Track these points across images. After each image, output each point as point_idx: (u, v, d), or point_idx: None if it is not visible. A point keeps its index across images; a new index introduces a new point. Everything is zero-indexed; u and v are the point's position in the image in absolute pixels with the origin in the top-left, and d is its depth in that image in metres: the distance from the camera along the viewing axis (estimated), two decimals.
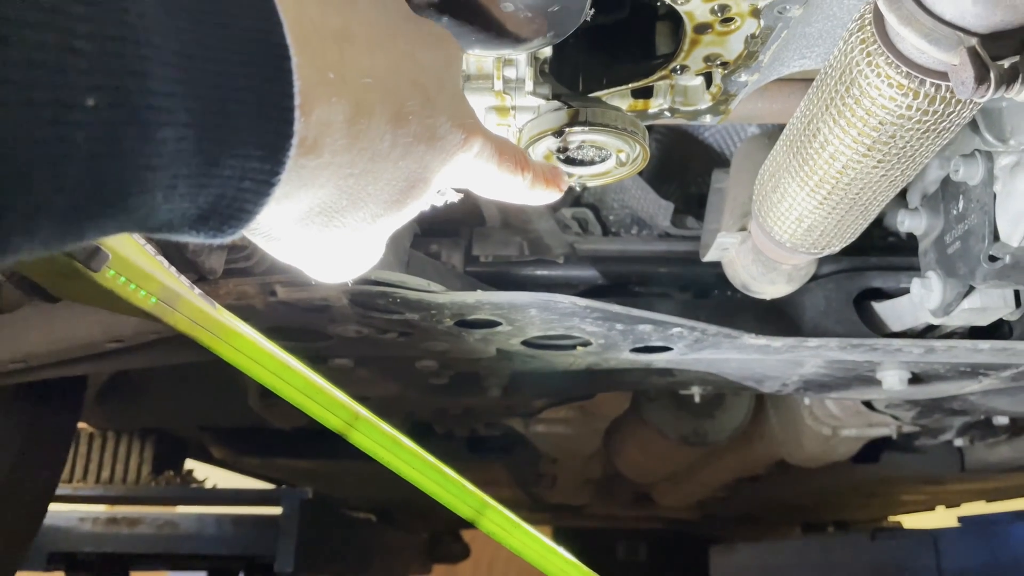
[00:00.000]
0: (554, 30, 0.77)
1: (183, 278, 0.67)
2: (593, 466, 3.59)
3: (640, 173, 1.79)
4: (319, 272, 0.62)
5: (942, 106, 0.83)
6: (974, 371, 1.50)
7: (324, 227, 0.56)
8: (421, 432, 2.64)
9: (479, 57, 0.89)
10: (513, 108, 0.91)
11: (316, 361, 1.47)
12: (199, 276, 1.05)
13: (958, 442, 2.50)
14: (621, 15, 0.99)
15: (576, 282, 1.60)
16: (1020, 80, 0.73)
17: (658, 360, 1.47)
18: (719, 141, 1.85)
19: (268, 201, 0.46)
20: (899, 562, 3.20)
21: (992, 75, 0.72)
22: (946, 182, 1.25)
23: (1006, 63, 0.73)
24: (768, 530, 5.72)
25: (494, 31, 0.75)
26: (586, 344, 1.37)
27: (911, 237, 1.37)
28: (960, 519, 2.81)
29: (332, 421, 0.71)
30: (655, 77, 1.02)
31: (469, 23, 0.75)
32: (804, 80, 1.31)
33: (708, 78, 1.06)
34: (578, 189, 0.93)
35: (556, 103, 0.89)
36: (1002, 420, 2.22)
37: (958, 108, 0.83)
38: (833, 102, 0.91)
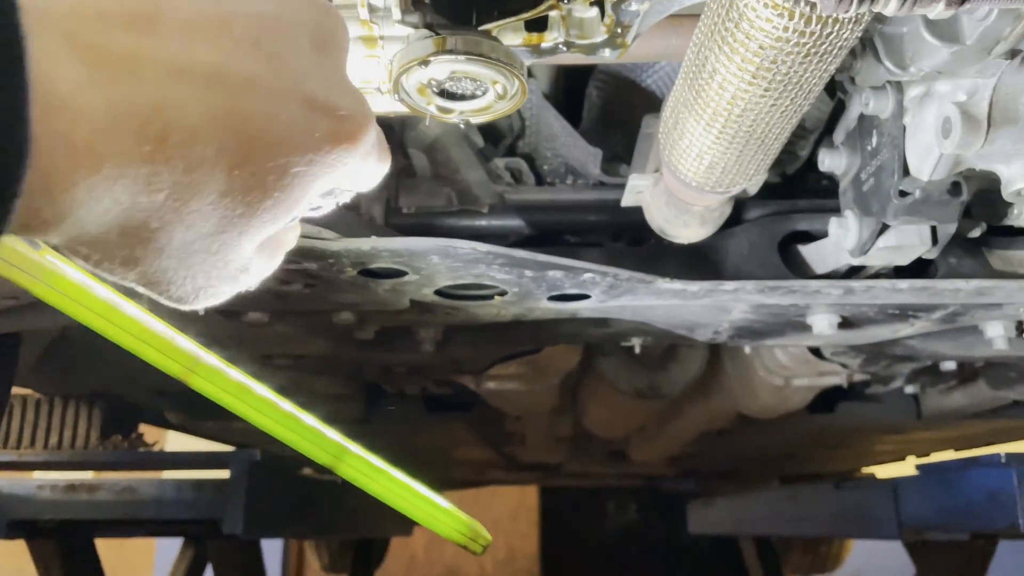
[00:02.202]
0: None
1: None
2: (562, 423, 3.59)
3: (574, 122, 1.76)
4: (165, 299, 0.55)
5: (819, 27, 0.79)
6: (903, 313, 1.48)
7: (144, 251, 0.48)
8: (373, 392, 2.62)
9: None
10: (381, 38, 0.87)
11: (230, 316, 1.44)
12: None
13: (909, 389, 2.50)
14: None
15: (503, 232, 1.57)
16: None
17: (582, 309, 1.45)
18: (662, 87, 1.81)
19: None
20: (862, 510, 3.23)
21: None
22: (862, 117, 1.22)
23: None
24: (747, 485, 5.77)
25: None
26: (502, 293, 1.34)
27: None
28: (918, 467, 2.83)
29: (170, 366, 0.68)
30: (544, 7, 0.98)
31: None
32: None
33: (602, 8, 1.02)
34: (462, 126, 0.90)
35: (425, 31, 0.85)
36: (949, 366, 2.22)
37: (836, 29, 0.80)
38: (717, 28, 0.87)
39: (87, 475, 2.65)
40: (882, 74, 1.08)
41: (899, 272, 1.39)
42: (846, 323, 1.55)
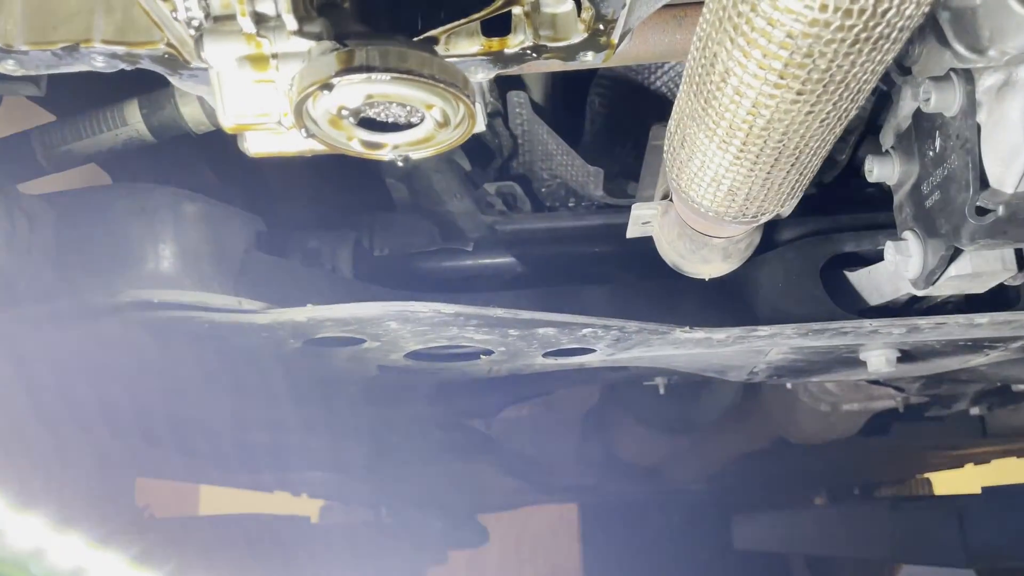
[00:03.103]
0: None
1: None
2: (590, 450, 3.36)
3: (576, 136, 1.53)
4: None
5: (871, 2, 0.56)
6: (977, 345, 1.22)
7: None
8: (376, 441, 2.41)
9: None
10: (274, 56, 0.65)
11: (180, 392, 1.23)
12: None
13: (975, 411, 2.22)
14: None
15: (493, 272, 1.35)
16: None
17: (587, 361, 1.21)
18: (674, 89, 1.57)
19: None
20: (923, 532, 2.97)
21: None
22: (919, 116, 0.97)
23: None
24: (793, 497, 5.49)
25: None
26: (488, 353, 1.11)
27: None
28: (984, 489, 2.55)
29: None
30: (498, 3, 0.75)
31: None
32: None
33: (579, 3, 0.80)
34: (399, 164, 0.68)
35: (328, 44, 0.63)
36: (1021, 386, 1.95)
37: (896, 5, 0.56)
38: (727, 15, 0.64)
39: None
40: (948, 60, 0.84)
41: (971, 299, 1.14)
42: (906, 356, 1.30)
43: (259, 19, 0.64)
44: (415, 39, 0.75)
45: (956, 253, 0.95)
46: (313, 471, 2.51)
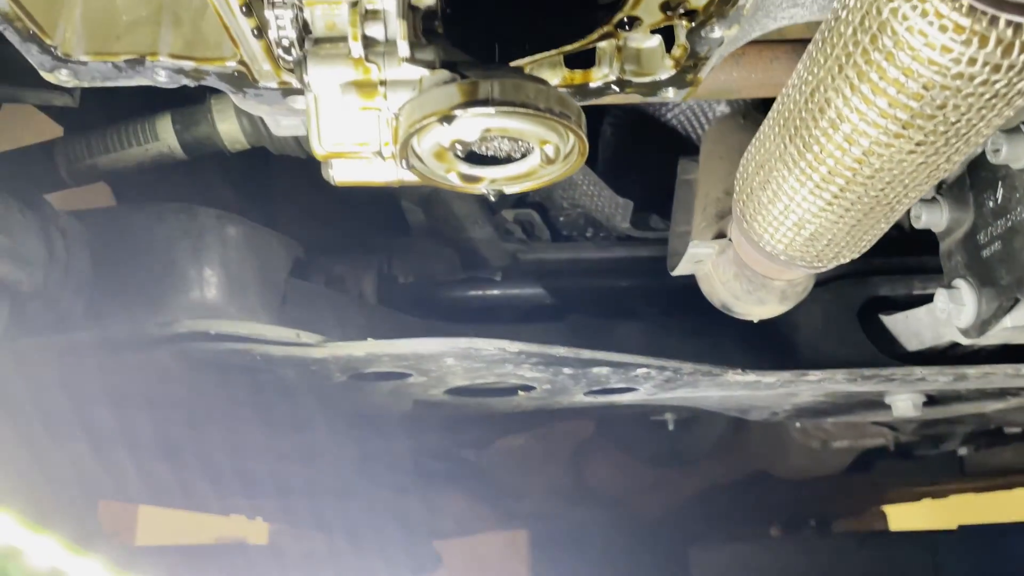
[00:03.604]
0: None
1: None
2: (560, 477, 3.33)
3: (591, 164, 1.52)
4: None
5: (1023, 57, 0.55)
6: (1003, 392, 1.23)
7: None
8: (358, 466, 2.34)
9: (326, 5, 0.59)
10: (383, 83, 0.61)
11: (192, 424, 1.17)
12: None
13: (962, 451, 2.25)
14: None
15: (519, 303, 1.31)
16: None
17: (622, 399, 1.19)
18: (684, 122, 1.56)
19: None
20: (895, 570, 3.00)
21: None
22: (978, 163, 0.98)
23: None
24: (746, 525, 5.51)
25: None
26: (529, 389, 1.08)
27: (924, 231, 1.10)
28: (961, 528, 2.59)
29: None
30: (595, 36, 0.73)
31: None
32: (792, 42, 1.03)
33: (668, 38, 0.78)
34: (492, 198, 0.65)
35: (446, 73, 0.59)
36: (1014, 428, 1.98)
37: None
38: (850, 60, 0.62)
39: None
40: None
41: (1007, 346, 1.14)
42: (931, 401, 1.30)
43: (368, 43, 0.60)
44: (510, 66, 0.72)
45: (1015, 304, 0.95)
46: (289, 497, 2.43)
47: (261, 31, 0.68)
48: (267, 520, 3.86)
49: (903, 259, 1.25)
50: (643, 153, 1.59)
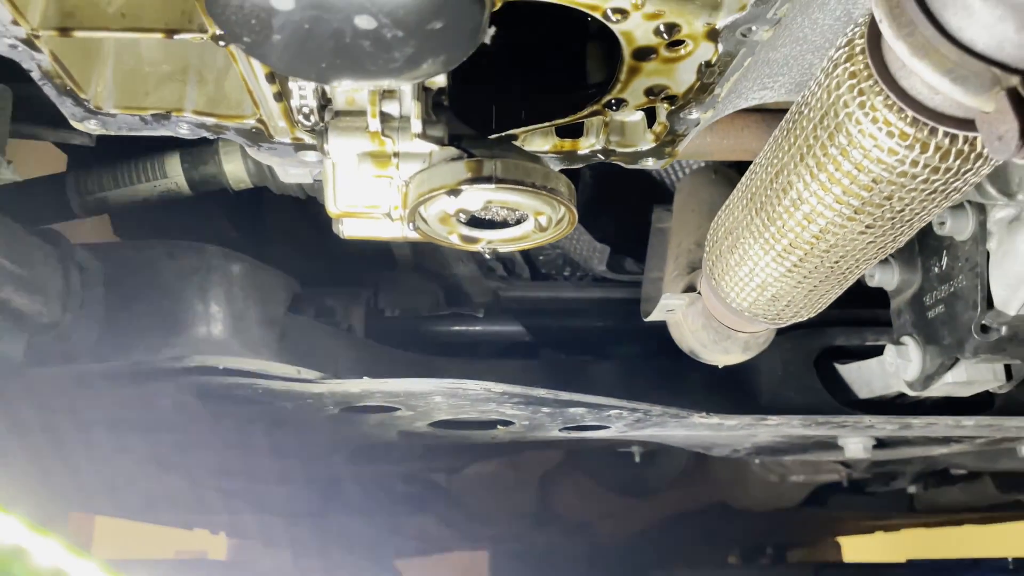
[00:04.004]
0: (443, 54, 0.55)
1: None
2: (525, 501, 3.38)
3: None
4: None
5: (958, 162, 0.63)
6: (947, 440, 1.32)
7: None
8: (331, 489, 2.38)
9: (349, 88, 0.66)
10: (396, 155, 0.68)
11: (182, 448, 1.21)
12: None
13: (912, 489, 2.35)
14: (539, 32, 0.78)
15: (499, 339, 1.38)
16: None
17: (593, 436, 1.26)
18: (660, 171, 1.65)
19: None
20: None
21: None
22: (926, 232, 1.07)
23: None
24: (705, 553, 5.58)
25: (353, 55, 0.52)
26: (507, 424, 1.14)
27: (878, 288, 1.19)
28: (909, 562, 2.69)
29: None
30: (585, 113, 0.81)
31: (322, 45, 0.52)
32: (761, 111, 1.11)
33: (650, 113, 0.86)
34: (487, 256, 0.72)
35: (453, 150, 0.66)
36: (960, 470, 2.08)
37: (978, 164, 0.64)
38: (811, 152, 0.71)
39: None
40: (970, 194, 0.93)
41: (951, 398, 1.23)
42: (881, 444, 1.39)
43: (384, 119, 0.67)
44: (496, 135, 0.80)
45: (955, 362, 1.04)
46: (261, 514, 2.45)
47: (282, 96, 0.74)
48: (235, 536, 3.86)
49: (858, 312, 1.34)
50: (620, 198, 1.67)
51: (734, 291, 0.93)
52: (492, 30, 0.55)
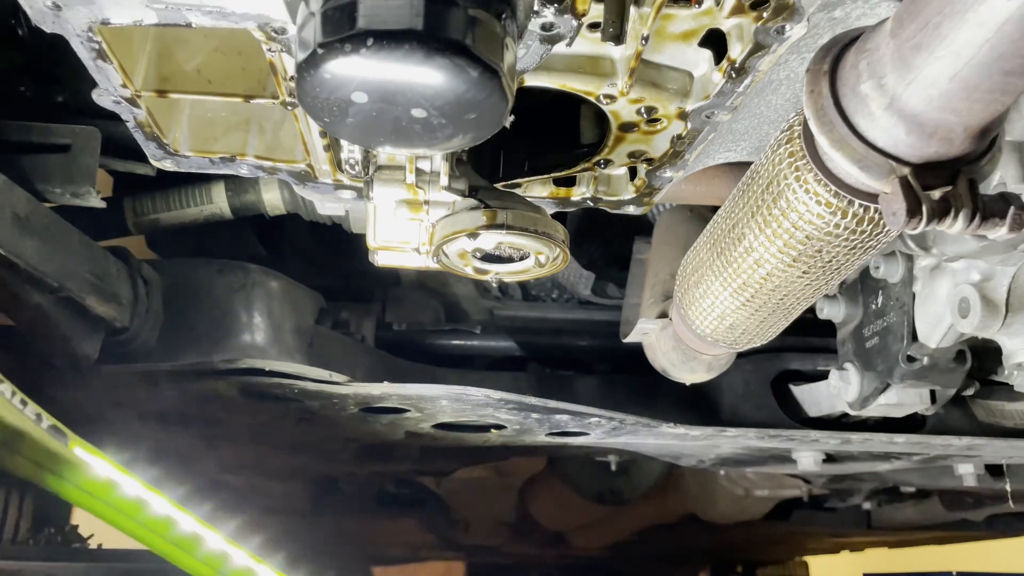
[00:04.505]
0: (472, 134, 0.71)
1: (30, 409, 0.58)
2: (506, 511, 3.52)
3: None
4: None
5: (870, 226, 0.80)
6: (886, 456, 1.49)
7: None
8: (327, 487, 2.53)
9: None
10: (426, 203, 0.85)
11: (209, 442, 1.37)
12: (72, 363, 0.95)
13: (866, 505, 2.53)
14: (542, 101, 0.94)
15: (493, 353, 1.54)
16: (952, 214, 0.70)
17: (575, 441, 1.42)
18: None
19: None
20: None
21: (924, 208, 0.69)
22: (865, 274, 1.24)
23: (937, 194, 0.71)
24: (679, 569, 5.74)
25: (406, 134, 0.68)
26: (500, 427, 1.30)
27: (827, 320, 1.36)
28: None
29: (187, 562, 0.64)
30: (578, 168, 0.97)
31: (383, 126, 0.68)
32: (729, 164, 1.29)
33: (632, 170, 1.02)
34: (494, 284, 0.88)
35: (472, 201, 0.83)
36: (910, 488, 2.26)
37: (885, 229, 0.81)
38: (760, 210, 0.88)
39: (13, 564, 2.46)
40: (895, 244, 1.11)
41: (888, 419, 1.40)
42: (830, 459, 1.56)
43: (419, 173, 0.83)
44: (505, 184, 0.96)
45: (887, 387, 1.21)
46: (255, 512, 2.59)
47: (330, 147, 0.91)
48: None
49: (811, 340, 1.51)
50: (605, 229, 1.84)
51: (699, 319, 1.10)
52: (512, 117, 0.72)
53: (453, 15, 0.61)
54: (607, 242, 1.84)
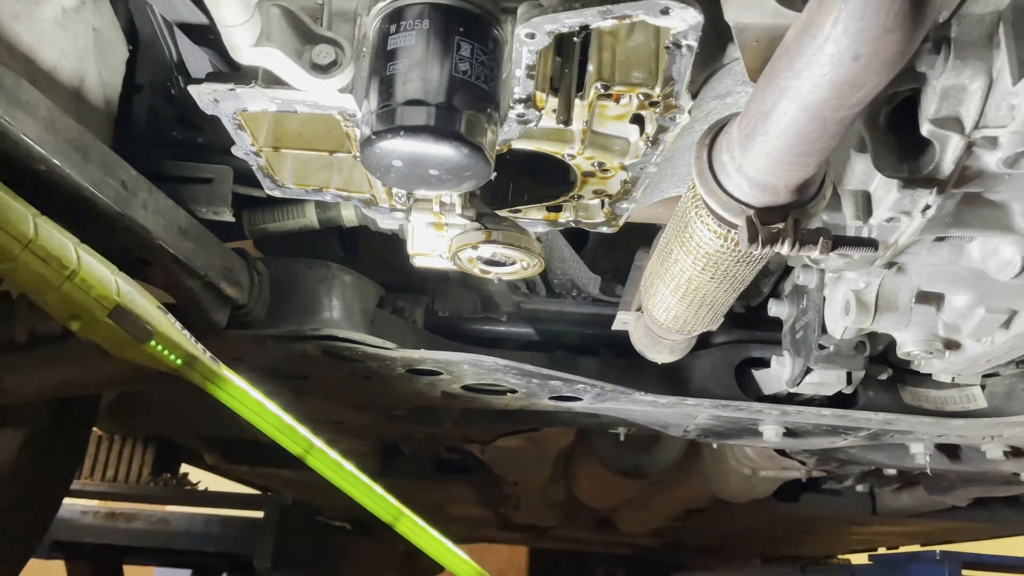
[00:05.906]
0: (469, 183, 1.11)
1: (199, 345, 1.00)
2: (555, 490, 3.91)
3: (580, 246, 2.15)
4: None
5: (748, 254, 1.17)
6: (834, 430, 1.83)
7: None
8: (390, 452, 2.97)
9: None
10: (446, 225, 1.26)
11: (299, 395, 1.81)
12: (209, 327, 1.39)
13: (860, 488, 2.83)
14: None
15: (516, 338, 1.94)
16: (780, 241, 1.07)
17: (575, 407, 1.81)
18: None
19: None
20: None
21: (760, 236, 1.06)
22: (798, 283, 1.59)
23: (773, 228, 1.08)
24: (730, 561, 6.03)
25: (428, 182, 1.09)
26: (513, 391, 1.70)
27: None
28: (871, 557, 3.14)
29: (294, 448, 1.05)
30: (562, 199, 1.37)
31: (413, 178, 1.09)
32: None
33: (603, 201, 1.41)
34: (496, 282, 1.27)
35: (478, 224, 1.23)
36: (891, 471, 2.56)
37: (756, 259, 1.17)
38: (680, 234, 1.25)
39: (130, 505, 2.99)
40: (804, 260, 1.46)
41: (831, 400, 1.75)
42: (790, 433, 1.90)
43: (442, 205, 1.24)
44: (511, 214, 1.36)
45: (810, 369, 1.56)
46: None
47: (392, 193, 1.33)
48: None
49: (772, 334, 1.86)
50: (627, 235, 2.22)
51: (656, 311, 1.48)
52: (495, 174, 1.11)
53: (452, 115, 1.02)
54: (629, 251, 2.22)
